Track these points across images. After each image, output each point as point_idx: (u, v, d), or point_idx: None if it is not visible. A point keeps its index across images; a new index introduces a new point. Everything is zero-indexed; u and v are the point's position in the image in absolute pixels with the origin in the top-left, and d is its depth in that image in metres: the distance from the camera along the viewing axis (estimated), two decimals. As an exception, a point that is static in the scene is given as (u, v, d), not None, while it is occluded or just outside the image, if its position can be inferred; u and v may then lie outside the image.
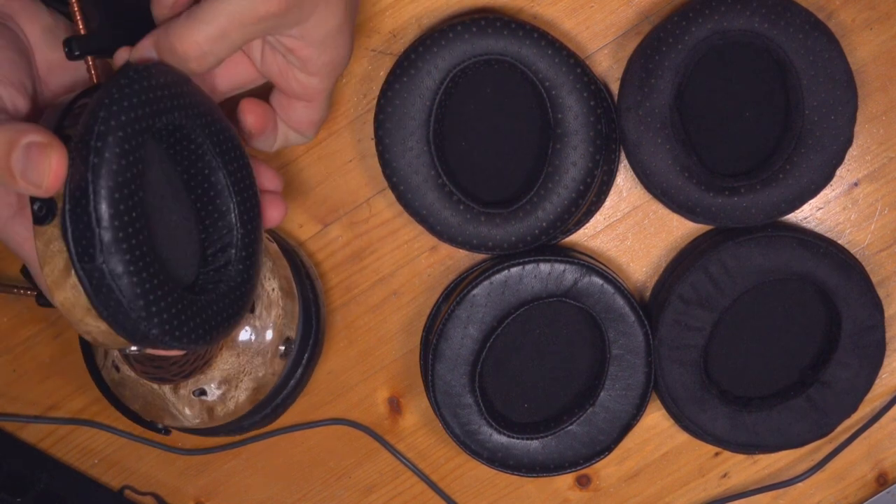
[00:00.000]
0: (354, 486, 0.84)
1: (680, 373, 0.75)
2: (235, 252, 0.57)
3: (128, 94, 0.50)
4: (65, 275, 0.50)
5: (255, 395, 0.74)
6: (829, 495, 0.82)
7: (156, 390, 0.73)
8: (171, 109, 0.53)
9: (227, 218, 0.57)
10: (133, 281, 0.49)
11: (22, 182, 0.48)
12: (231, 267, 0.57)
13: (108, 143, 0.48)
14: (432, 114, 0.71)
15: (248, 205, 0.58)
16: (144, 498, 0.85)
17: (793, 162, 0.71)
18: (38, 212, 0.50)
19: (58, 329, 0.83)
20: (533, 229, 0.72)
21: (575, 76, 0.70)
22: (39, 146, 0.48)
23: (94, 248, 0.48)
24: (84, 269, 0.49)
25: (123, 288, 0.49)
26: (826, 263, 0.72)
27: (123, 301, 0.49)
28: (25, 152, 0.47)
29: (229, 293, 0.56)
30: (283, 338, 0.74)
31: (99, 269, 0.48)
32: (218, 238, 0.58)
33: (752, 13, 0.69)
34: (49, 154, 0.48)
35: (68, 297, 0.51)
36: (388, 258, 0.80)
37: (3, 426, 0.85)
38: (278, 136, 0.62)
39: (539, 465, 0.76)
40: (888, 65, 0.75)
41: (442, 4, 0.75)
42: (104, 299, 0.49)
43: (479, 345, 0.74)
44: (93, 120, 0.49)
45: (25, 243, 0.53)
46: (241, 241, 0.58)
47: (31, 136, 0.48)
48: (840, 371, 0.74)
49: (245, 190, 0.58)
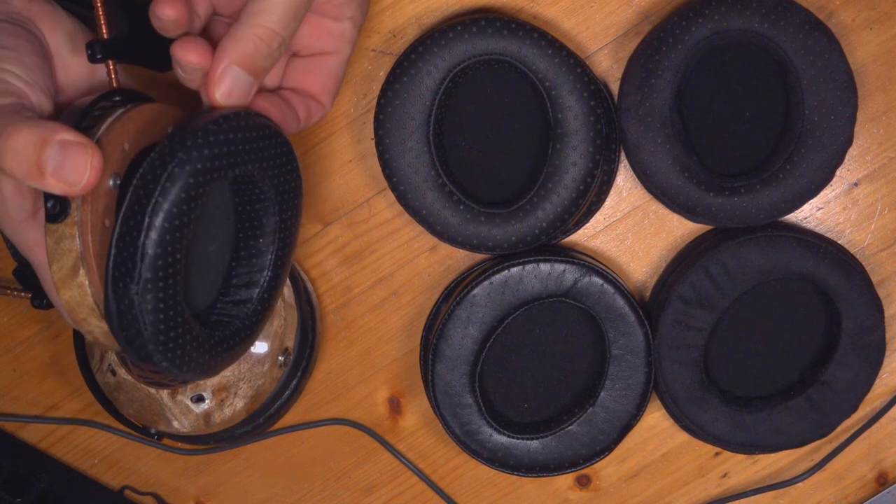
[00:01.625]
0: (354, 486, 0.84)
1: (680, 373, 0.75)
2: (258, 293, 0.58)
3: (211, 144, 0.50)
4: (72, 274, 0.51)
5: (252, 404, 0.74)
6: (829, 495, 0.82)
7: (152, 395, 0.73)
8: (247, 162, 0.53)
9: (264, 259, 0.58)
10: (158, 318, 0.50)
11: (51, 179, 0.47)
12: (250, 306, 0.58)
13: (176, 186, 0.49)
14: (432, 114, 0.71)
15: (285, 252, 0.59)
16: (144, 498, 0.85)
17: (793, 162, 0.71)
18: (52, 209, 0.50)
19: (58, 329, 0.83)
20: (533, 229, 0.72)
21: (575, 76, 0.70)
22: (76, 145, 0.47)
23: (130, 279, 0.48)
24: (115, 294, 0.49)
25: (148, 323, 0.50)
26: (826, 263, 0.72)
27: (144, 333, 0.50)
28: (60, 149, 0.47)
29: (241, 332, 0.57)
30: (282, 348, 0.74)
31: (130, 299, 0.49)
32: (247, 273, 0.58)
33: (752, 13, 0.69)
34: (88, 154, 0.47)
35: (74, 295, 0.51)
36: (388, 258, 0.80)
37: (3, 426, 0.85)
38: (300, 112, 0.61)
39: (539, 465, 0.76)
40: (888, 65, 0.75)
41: (442, 4, 0.75)
42: (126, 325, 0.50)
43: (479, 345, 0.74)
44: (169, 158, 0.49)
45: (37, 246, 0.53)
46: (268, 285, 0.58)
47: (64, 134, 0.47)
48: (840, 371, 0.74)
49: (288, 238, 0.59)
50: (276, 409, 0.78)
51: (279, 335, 0.73)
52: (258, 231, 0.58)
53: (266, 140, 0.54)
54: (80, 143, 0.47)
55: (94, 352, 0.76)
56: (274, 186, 0.56)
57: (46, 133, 0.47)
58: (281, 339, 0.73)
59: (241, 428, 0.77)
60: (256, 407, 0.74)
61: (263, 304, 0.59)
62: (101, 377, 0.75)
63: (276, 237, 0.58)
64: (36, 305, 0.73)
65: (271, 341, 0.73)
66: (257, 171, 0.54)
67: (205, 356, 0.54)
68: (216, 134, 0.50)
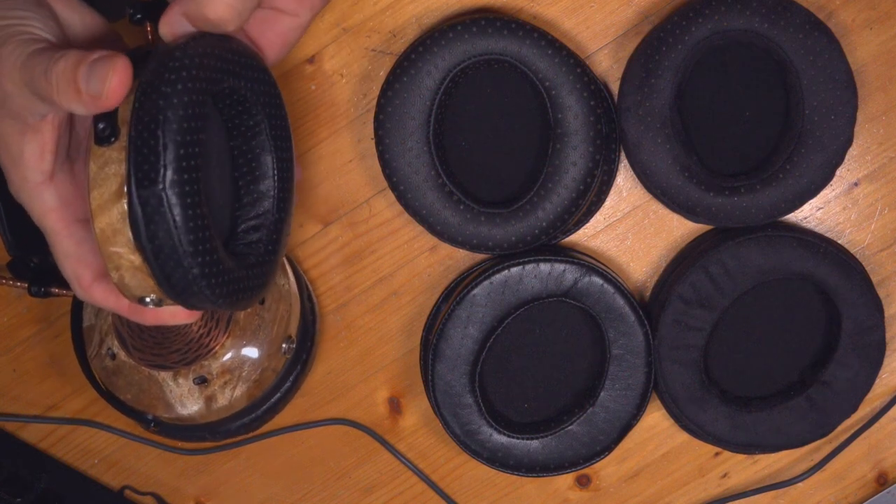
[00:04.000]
0: (354, 486, 0.84)
1: (680, 373, 0.75)
2: (266, 234, 0.58)
3: (204, 49, 0.51)
4: (114, 199, 0.50)
5: (254, 390, 0.74)
6: (829, 495, 0.82)
7: (153, 377, 0.73)
8: (239, 76, 0.54)
9: (267, 201, 0.58)
10: (187, 214, 0.49)
11: (86, 95, 0.49)
12: (260, 245, 0.58)
13: (182, 79, 0.49)
14: (432, 114, 0.71)
15: (286, 194, 0.59)
16: (144, 498, 0.85)
17: (793, 162, 0.71)
18: (102, 132, 0.50)
19: (58, 329, 0.83)
20: (533, 229, 0.72)
21: (575, 76, 0.70)
22: (104, 57, 0.49)
23: (156, 174, 0.48)
24: (141, 195, 0.49)
25: (178, 218, 0.49)
26: (826, 263, 0.72)
27: (174, 232, 0.49)
28: (91, 65, 0.49)
29: (256, 266, 0.57)
30: (285, 335, 0.74)
31: (157, 196, 0.48)
32: (253, 216, 0.58)
33: (752, 13, 0.69)
34: (114, 61, 0.49)
35: (113, 222, 0.50)
36: (388, 258, 0.80)
37: (3, 426, 0.85)
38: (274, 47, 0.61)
39: (539, 465, 0.76)
40: (888, 65, 0.75)
41: (442, 4, 0.75)
42: (154, 228, 0.49)
43: (479, 345, 0.74)
44: (169, 58, 0.50)
45: (50, 212, 0.54)
46: (274, 225, 0.59)
47: (97, 54, 0.49)
48: (840, 371, 0.74)
49: (286, 179, 0.59)
50: (275, 402, 0.78)
51: (284, 320, 0.73)
52: (257, 172, 0.58)
53: (252, 61, 0.55)
54: (109, 56, 0.49)
55: (93, 336, 0.76)
56: (267, 119, 0.57)
57: (83, 55, 0.49)
58: (286, 325, 0.73)
59: (240, 419, 0.77)
60: (258, 394, 0.74)
61: (273, 244, 0.59)
62: (100, 362, 0.75)
63: (276, 178, 0.58)
64: (33, 293, 0.73)
65: (276, 326, 0.73)
66: (248, 93, 0.55)
67: (229, 276, 0.53)
68: (208, 40, 0.52)
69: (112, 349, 0.74)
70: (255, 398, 0.75)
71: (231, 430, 0.78)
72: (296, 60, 0.76)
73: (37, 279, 0.75)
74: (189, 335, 0.72)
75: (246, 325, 0.72)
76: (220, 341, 0.71)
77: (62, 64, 0.49)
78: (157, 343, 0.73)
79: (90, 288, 0.55)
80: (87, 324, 0.76)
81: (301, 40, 0.76)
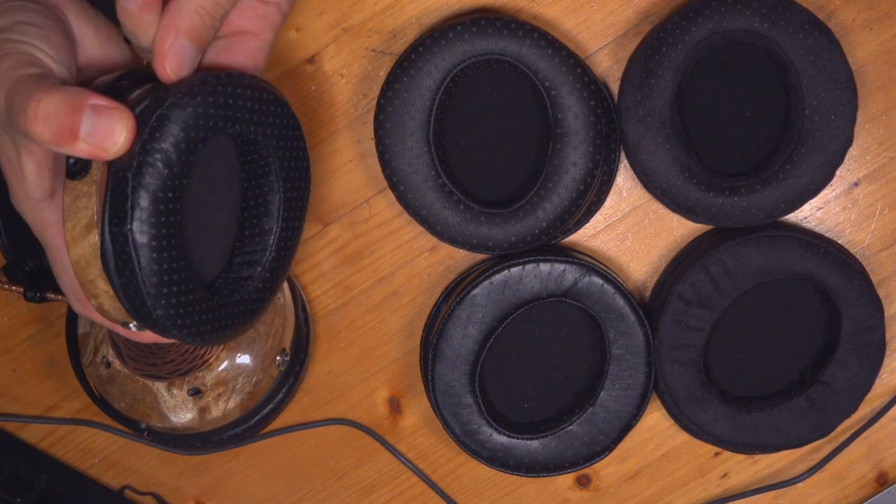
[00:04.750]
0: (354, 486, 0.84)
1: (680, 373, 0.75)
2: (261, 271, 0.58)
3: (207, 93, 0.50)
4: (85, 232, 0.51)
5: (248, 402, 0.74)
6: (829, 495, 0.82)
7: (147, 387, 0.73)
8: (247, 122, 0.53)
9: (266, 239, 0.58)
10: (153, 257, 0.49)
11: (84, 143, 0.48)
12: (252, 283, 0.58)
13: (167, 128, 0.49)
14: (432, 114, 0.71)
15: (290, 234, 0.59)
16: (144, 498, 0.85)
17: (793, 162, 0.71)
18: (73, 166, 0.50)
19: (57, 329, 0.83)
20: (533, 229, 0.72)
21: (575, 76, 0.70)
22: (110, 109, 0.48)
23: (124, 213, 0.48)
24: (111, 232, 0.49)
25: (142, 260, 0.49)
26: (826, 263, 0.72)
27: (138, 273, 0.49)
28: (93, 113, 0.48)
29: (241, 304, 0.57)
30: (280, 347, 0.74)
31: (124, 235, 0.49)
32: (250, 252, 0.58)
33: (752, 13, 0.69)
34: (122, 118, 0.48)
35: (85, 254, 0.51)
36: (388, 258, 0.80)
37: (3, 426, 0.85)
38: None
39: (539, 465, 0.76)
40: (888, 65, 0.75)
41: (442, 4, 0.75)
42: (121, 267, 0.49)
43: (479, 345, 0.74)
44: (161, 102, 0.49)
45: (52, 227, 0.54)
46: (270, 265, 0.58)
47: (95, 99, 0.48)
48: (840, 371, 0.74)
49: (293, 220, 0.59)
50: (268, 412, 0.78)
51: (279, 333, 0.73)
52: (262, 209, 0.58)
53: (269, 105, 0.54)
54: (114, 108, 0.48)
55: (88, 344, 0.76)
56: (278, 160, 0.56)
57: (78, 97, 0.48)
58: (280, 338, 0.73)
59: (233, 429, 0.77)
60: (251, 406, 0.74)
61: (266, 282, 0.58)
62: (94, 370, 0.75)
63: (280, 218, 0.58)
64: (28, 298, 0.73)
65: (271, 338, 0.73)
66: (260, 137, 0.54)
67: (201, 316, 0.53)
68: (213, 85, 0.51)
69: (107, 358, 0.74)
70: (248, 409, 0.75)
71: (223, 439, 0.78)
72: (296, 61, 0.76)
73: (32, 284, 0.75)
74: (184, 346, 0.72)
75: (241, 338, 0.72)
76: (214, 353, 0.71)
77: (52, 105, 0.48)
78: (151, 353, 0.73)
79: (87, 303, 0.55)
80: (82, 331, 0.76)
81: (301, 40, 0.76)
